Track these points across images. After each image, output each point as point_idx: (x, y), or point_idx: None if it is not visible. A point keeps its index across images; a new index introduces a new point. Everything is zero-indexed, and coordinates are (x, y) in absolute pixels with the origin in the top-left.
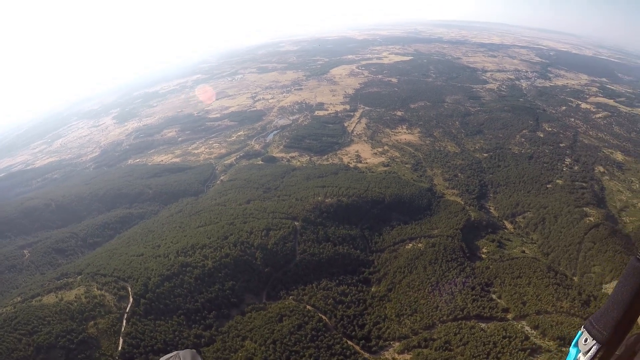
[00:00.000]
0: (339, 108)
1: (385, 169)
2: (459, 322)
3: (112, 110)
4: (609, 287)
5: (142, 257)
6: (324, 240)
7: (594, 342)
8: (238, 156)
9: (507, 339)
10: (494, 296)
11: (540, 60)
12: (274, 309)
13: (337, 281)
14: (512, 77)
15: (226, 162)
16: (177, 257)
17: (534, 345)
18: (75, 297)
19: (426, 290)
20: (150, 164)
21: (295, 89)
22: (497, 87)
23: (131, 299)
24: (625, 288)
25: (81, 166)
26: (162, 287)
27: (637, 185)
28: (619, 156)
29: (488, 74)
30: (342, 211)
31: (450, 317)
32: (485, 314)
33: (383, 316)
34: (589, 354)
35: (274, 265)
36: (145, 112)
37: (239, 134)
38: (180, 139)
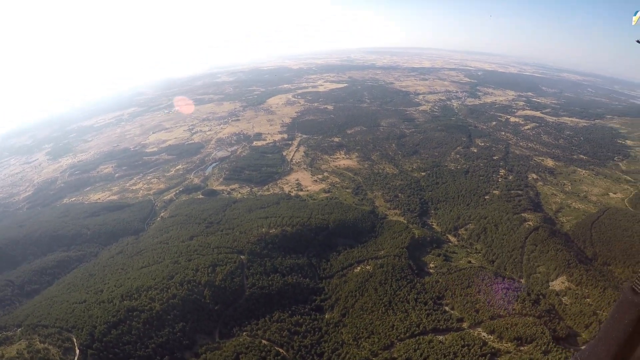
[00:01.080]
0: (277, 137)
1: (326, 195)
2: (417, 337)
3: (45, 145)
4: (556, 284)
5: (85, 304)
6: (272, 272)
7: None
8: (178, 191)
9: (466, 347)
10: (447, 308)
11: (469, 80)
12: (228, 347)
13: (289, 312)
14: (443, 97)
15: (166, 197)
16: (122, 302)
17: (492, 349)
18: (17, 353)
19: (380, 311)
20: (87, 202)
21: (232, 120)
22: (429, 109)
23: (77, 351)
24: (618, 323)
25: (14, 206)
26: (110, 335)
27: (569, 187)
28: (549, 162)
29: (420, 97)
30: (287, 241)
31: (408, 334)
32: (441, 327)
33: (340, 342)
34: None
35: (223, 302)
36: (80, 147)
37: (177, 167)
38: (117, 175)
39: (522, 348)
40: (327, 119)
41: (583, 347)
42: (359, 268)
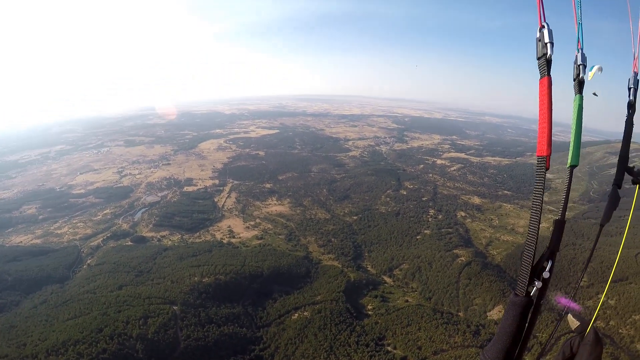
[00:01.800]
0: (208, 183)
1: (259, 241)
2: None
3: None
4: (493, 314)
5: (6, 359)
6: (207, 323)
7: None
8: (105, 237)
9: None
10: (389, 348)
11: (397, 126)
12: None
13: None
14: (372, 143)
15: (93, 243)
16: (48, 357)
17: None
18: None
19: (322, 357)
20: (7, 245)
21: (163, 164)
22: (359, 154)
23: None
24: (508, 320)
25: None
26: None
27: (497, 221)
28: (476, 200)
29: (350, 142)
30: (221, 290)
31: None
32: None
33: None
34: None
35: (157, 356)
36: (2, 183)
37: (105, 212)
38: (41, 216)
39: None
40: (258, 165)
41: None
42: (296, 315)
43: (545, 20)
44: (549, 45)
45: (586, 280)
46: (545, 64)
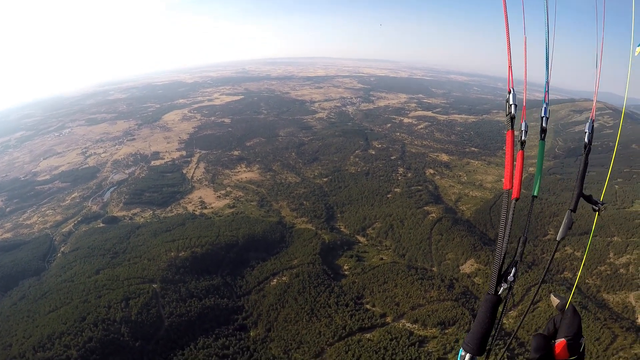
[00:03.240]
0: (176, 155)
1: (231, 210)
2: (345, 339)
3: None
4: (465, 267)
5: None
6: (188, 297)
7: (467, 354)
8: (76, 221)
9: (394, 340)
10: (368, 306)
11: (363, 86)
12: None
13: (214, 336)
14: (339, 104)
15: (64, 230)
16: (36, 354)
17: (420, 337)
18: None
19: (304, 320)
20: None
21: (128, 140)
22: (326, 116)
23: None
24: (482, 314)
25: None
26: None
27: (465, 178)
28: (444, 157)
29: (316, 105)
30: (198, 262)
31: (336, 337)
32: (366, 325)
33: (271, 357)
34: None
35: (144, 337)
36: None
37: (73, 196)
38: (8, 209)
39: (446, 331)
40: (225, 133)
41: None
42: (275, 280)
43: (512, 86)
44: (512, 106)
45: (552, 232)
46: (510, 120)
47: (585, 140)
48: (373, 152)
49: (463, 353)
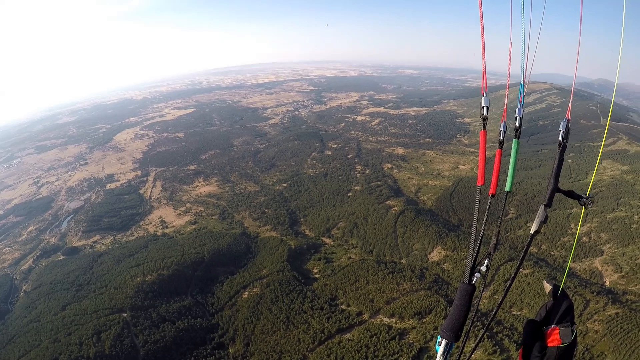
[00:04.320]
0: (131, 176)
1: (193, 227)
2: (326, 343)
3: None
4: (433, 255)
5: None
6: (160, 322)
7: (444, 340)
8: (35, 256)
9: (374, 336)
10: (343, 307)
11: (314, 88)
12: None
13: (192, 359)
14: (291, 108)
15: (24, 267)
16: None
17: (399, 330)
18: None
19: (282, 329)
20: None
21: (80, 165)
22: (279, 121)
23: None
24: (458, 302)
25: None
26: None
27: (423, 168)
28: (400, 151)
29: (269, 111)
30: (166, 285)
31: (316, 342)
32: (344, 325)
33: None
34: (442, 347)
35: None
36: None
37: (29, 229)
38: None
39: (424, 320)
40: (179, 148)
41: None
42: (246, 293)
43: (486, 90)
44: (485, 109)
45: (514, 211)
46: (483, 121)
47: (560, 138)
48: (329, 153)
49: (440, 339)
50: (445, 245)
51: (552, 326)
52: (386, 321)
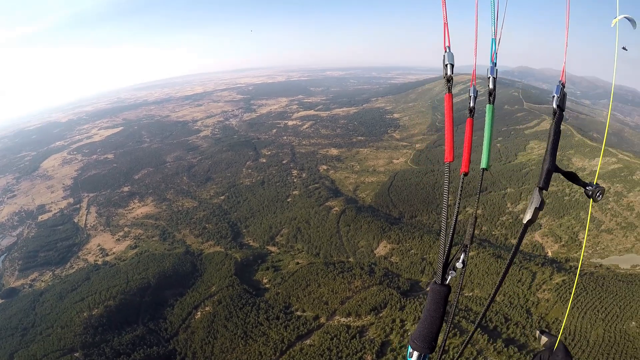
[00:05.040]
0: (63, 204)
1: (135, 251)
2: (288, 352)
3: None
4: (380, 250)
5: None
6: (115, 357)
7: (415, 352)
8: None
9: (335, 338)
10: (299, 313)
11: (243, 96)
12: None
13: None
14: (221, 119)
15: None
16: None
17: (358, 328)
18: None
19: (241, 345)
20: None
21: (8, 198)
22: (210, 133)
23: None
24: (429, 306)
25: None
26: None
27: (358, 167)
28: (334, 151)
29: (199, 123)
30: (115, 316)
31: (277, 353)
32: (303, 332)
33: None
34: (413, 359)
35: None
36: None
37: None
38: None
39: (380, 315)
40: (110, 170)
41: (414, 329)
42: (199, 313)
43: (448, 45)
44: (449, 66)
45: (451, 198)
46: (447, 82)
47: (554, 105)
48: (264, 160)
49: (411, 351)
50: (389, 238)
51: None
52: (344, 321)
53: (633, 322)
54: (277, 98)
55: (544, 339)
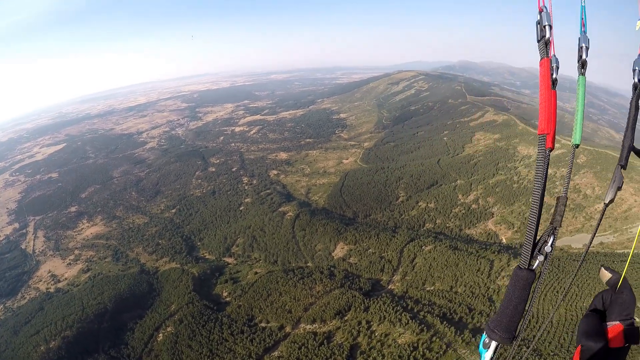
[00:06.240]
0: (8, 230)
1: (88, 275)
2: None
3: None
4: (337, 252)
5: None
6: None
7: (492, 341)
8: None
9: (302, 347)
10: (263, 324)
11: (187, 104)
12: None
13: None
14: (167, 129)
15: None
16: None
17: (325, 334)
18: None
19: None
20: None
21: None
22: (157, 144)
23: None
24: (512, 292)
25: None
26: None
27: (308, 169)
28: (283, 155)
29: (145, 134)
30: (74, 347)
31: None
32: (269, 344)
33: None
34: (490, 351)
35: None
36: None
37: None
38: None
39: (346, 318)
40: (56, 189)
41: (492, 316)
42: (161, 335)
43: (544, 4)
44: (547, 27)
45: (403, 194)
46: (544, 46)
47: (635, 79)
48: (213, 169)
49: (487, 340)
50: (346, 240)
51: (615, 322)
52: (309, 328)
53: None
54: (223, 104)
55: (607, 275)
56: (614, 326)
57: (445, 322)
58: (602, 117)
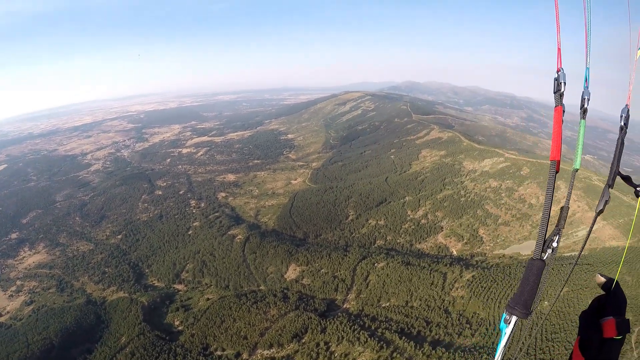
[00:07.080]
0: None
1: (31, 307)
2: None
3: None
4: (290, 274)
5: None
6: None
7: (513, 316)
8: None
9: None
10: (219, 353)
11: (134, 125)
12: None
13: None
14: (112, 150)
15: None
16: None
17: (284, 358)
18: None
19: None
20: None
21: None
22: (102, 166)
23: None
24: (527, 278)
25: None
26: None
27: (257, 191)
28: (231, 177)
29: (89, 156)
30: None
31: None
32: None
33: None
34: (510, 325)
35: None
36: None
37: None
38: None
39: (303, 340)
40: None
41: (510, 298)
42: None
43: (561, 66)
44: (562, 84)
45: (353, 213)
46: (559, 97)
47: (621, 123)
48: (160, 193)
49: (507, 316)
50: (298, 261)
51: (609, 318)
52: (267, 354)
53: (546, 302)
54: (170, 125)
55: (602, 280)
56: (608, 320)
57: (404, 337)
58: (543, 131)
